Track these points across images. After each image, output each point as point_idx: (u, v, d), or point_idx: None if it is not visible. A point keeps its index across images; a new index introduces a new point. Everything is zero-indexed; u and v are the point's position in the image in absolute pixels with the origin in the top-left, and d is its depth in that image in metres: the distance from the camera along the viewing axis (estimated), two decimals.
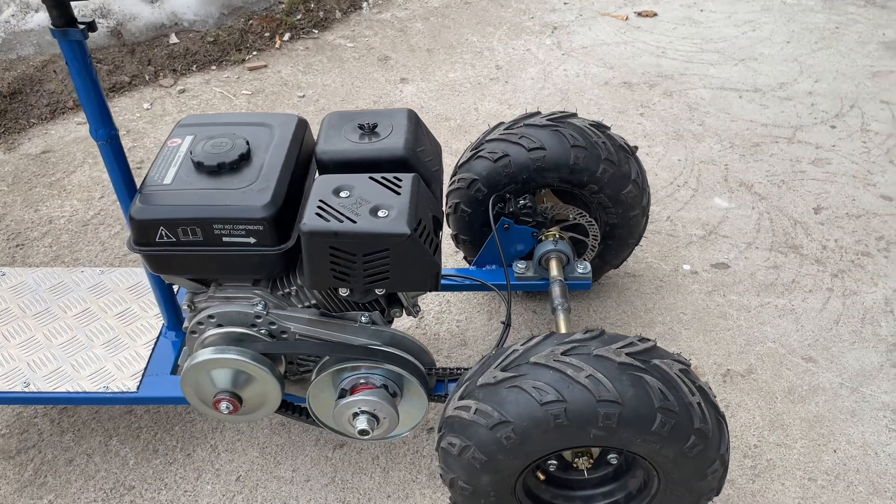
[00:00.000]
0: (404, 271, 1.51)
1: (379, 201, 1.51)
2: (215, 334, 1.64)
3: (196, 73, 3.70)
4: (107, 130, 1.62)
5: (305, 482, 1.98)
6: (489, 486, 1.55)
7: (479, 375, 1.53)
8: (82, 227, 2.82)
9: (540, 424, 1.43)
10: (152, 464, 2.03)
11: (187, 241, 1.55)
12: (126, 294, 2.10)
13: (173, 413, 2.16)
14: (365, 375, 1.67)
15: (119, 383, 1.86)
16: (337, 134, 1.71)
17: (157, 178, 1.59)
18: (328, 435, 2.08)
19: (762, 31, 3.89)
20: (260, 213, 1.52)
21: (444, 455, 1.58)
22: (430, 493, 1.95)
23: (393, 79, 3.62)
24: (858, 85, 3.45)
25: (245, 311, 1.64)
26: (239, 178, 1.58)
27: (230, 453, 2.05)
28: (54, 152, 3.21)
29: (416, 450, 2.04)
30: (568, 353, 1.46)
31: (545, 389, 1.42)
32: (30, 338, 1.98)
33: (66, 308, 2.06)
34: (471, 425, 1.49)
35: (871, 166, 2.96)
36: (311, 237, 1.45)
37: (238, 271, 1.61)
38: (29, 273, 2.17)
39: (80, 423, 2.14)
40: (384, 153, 1.65)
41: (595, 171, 2.07)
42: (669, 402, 1.42)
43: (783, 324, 2.33)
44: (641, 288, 2.46)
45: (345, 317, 1.69)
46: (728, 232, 2.67)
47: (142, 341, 1.97)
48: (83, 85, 1.54)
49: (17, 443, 2.10)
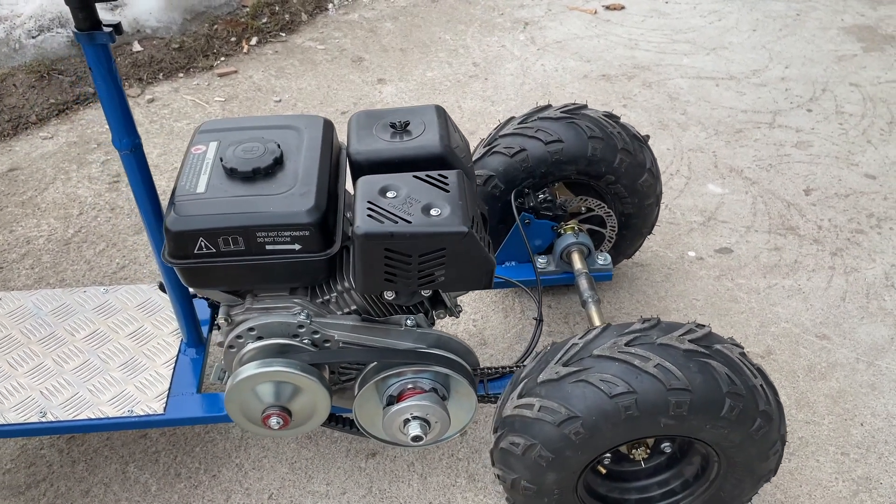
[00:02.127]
0: (460, 270, 1.47)
1: (429, 200, 1.46)
2: (256, 348, 1.57)
3: (163, 81, 3.57)
4: (130, 140, 1.53)
5: (342, 495, 1.92)
6: (554, 484, 1.52)
7: (538, 372, 1.51)
8: (63, 247, 2.68)
9: (610, 417, 1.41)
10: (176, 488, 1.94)
11: (228, 252, 1.47)
12: (136, 312, 2.00)
13: (191, 434, 2.06)
14: (412, 380, 1.63)
15: (144, 406, 1.77)
16: (368, 133, 1.66)
17: (189, 188, 1.51)
18: (359, 445, 2.02)
19: (727, 20, 3.97)
20: (305, 218, 1.46)
21: (503, 456, 1.55)
22: (472, 495, 1.91)
23: (370, 80, 3.56)
24: (826, 69, 3.55)
25: (287, 322, 1.57)
26: (276, 184, 1.52)
27: (258, 471, 1.98)
28: (22, 170, 3.05)
29: (450, 454, 2.00)
30: (631, 344, 1.44)
31: (613, 382, 1.40)
32: (38, 364, 1.86)
33: (74, 331, 1.95)
34: (535, 423, 1.46)
35: (851, 147, 3.04)
36: (366, 240, 1.40)
37: (281, 280, 1.54)
38: (27, 296, 2.04)
39: (92, 451, 2.03)
40: (421, 151, 1.61)
41: (612, 161, 2.07)
42: (736, 387, 1.42)
43: (793, 304, 2.37)
44: (651, 277, 2.47)
45: (389, 321, 1.64)
46: (726, 217, 2.70)
47: (161, 361, 1.88)
48: (107, 91, 1.46)
49: (26, 477, 1.97)
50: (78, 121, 3.31)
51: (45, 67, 3.41)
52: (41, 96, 3.36)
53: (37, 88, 3.37)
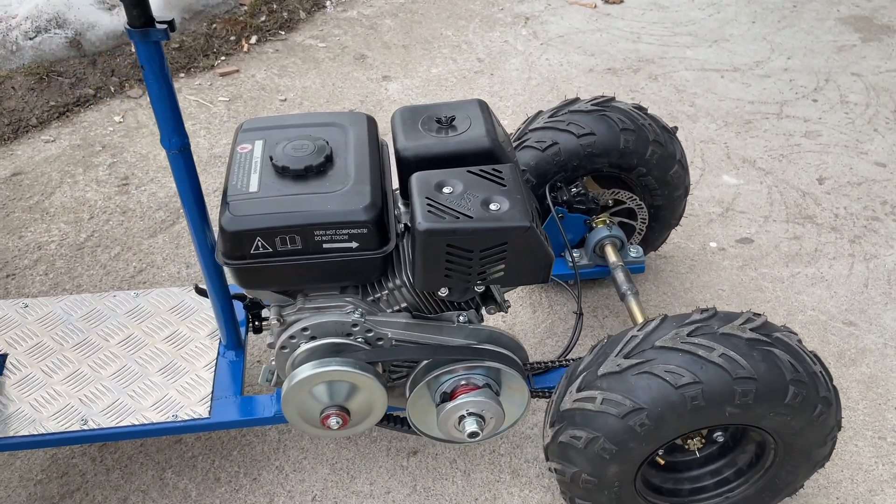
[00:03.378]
0: (520, 265, 1.46)
1: (486, 194, 1.45)
2: (310, 348, 1.55)
3: None
4: (179, 139, 1.51)
5: (386, 494, 1.91)
6: (615, 476, 1.52)
7: (597, 366, 1.50)
8: (77, 252, 2.63)
9: (675, 408, 1.41)
10: (217, 493, 1.91)
11: (285, 251, 1.45)
12: (170, 316, 1.96)
13: (227, 437, 2.04)
14: (465, 377, 1.61)
15: (188, 410, 1.74)
16: (414, 129, 1.64)
17: (241, 187, 1.49)
18: (399, 444, 2.01)
19: (726, 12, 4.00)
20: (363, 215, 1.44)
21: (563, 450, 1.54)
22: (518, 490, 1.90)
23: (374, 77, 3.54)
24: (828, 60, 3.59)
25: (341, 321, 1.55)
26: (329, 181, 1.50)
27: (299, 473, 1.95)
28: (26, 174, 2.98)
29: (491, 449, 2.00)
30: (694, 334, 1.44)
31: (679, 372, 1.40)
32: (74, 371, 1.82)
33: (107, 336, 1.91)
34: (598, 416, 1.46)
35: (859, 135, 3.08)
36: (429, 236, 1.39)
37: (337, 278, 1.52)
38: (54, 302, 2.00)
39: (126, 458, 1.99)
40: (470, 146, 1.60)
41: (644, 153, 2.07)
42: (799, 374, 1.43)
43: (817, 291, 2.39)
44: (675, 268, 2.48)
45: (441, 318, 1.62)
46: (744, 207, 2.72)
47: (200, 364, 1.85)
48: (159, 90, 1.43)
49: (59, 487, 1.93)
50: (80, 123, 3.25)
51: (44, 69, 3.34)
52: (41, 99, 3.29)
53: (36, 91, 3.30)
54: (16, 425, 1.70)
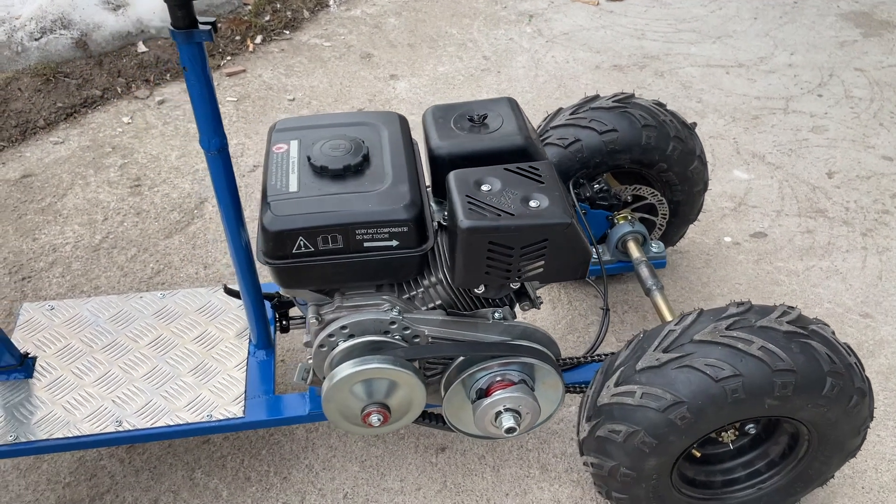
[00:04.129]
0: (559, 261, 1.47)
1: (525, 192, 1.47)
2: (349, 346, 1.56)
3: (171, 82, 3.50)
4: (219, 140, 1.51)
5: (417, 491, 1.92)
6: (653, 469, 1.54)
7: (635, 360, 1.52)
8: (93, 253, 2.62)
9: (716, 401, 1.43)
10: (248, 492, 1.92)
11: (327, 250, 1.46)
12: (198, 316, 1.96)
13: (254, 437, 2.04)
14: (500, 373, 1.63)
15: (222, 410, 1.74)
16: (447, 128, 1.66)
17: (281, 187, 1.49)
18: (427, 440, 2.02)
19: (728, 9, 4.03)
20: (404, 214, 1.45)
21: (601, 444, 1.56)
22: (547, 485, 1.92)
23: (382, 76, 3.54)
24: (831, 55, 3.62)
25: (380, 319, 1.56)
26: (368, 180, 1.51)
27: (329, 471, 1.96)
28: (36, 176, 2.97)
29: (519, 445, 2.01)
30: (732, 328, 1.46)
31: (719, 366, 1.42)
32: (105, 373, 1.82)
33: (136, 337, 1.91)
34: (638, 410, 1.48)
35: (865, 130, 3.11)
36: (472, 234, 1.40)
37: (377, 277, 1.53)
38: (81, 304, 2.00)
39: (155, 459, 2.00)
40: (504, 143, 1.61)
41: (665, 149, 2.09)
42: (836, 366, 1.45)
43: (833, 284, 2.42)
44: (692, 263, 2.51)
45: (476, 315, 1.64)
46: (756, 202, 2.75)
47: (232, 364, 1.85)
48: (200, 91, 1.43)
49: (88, 490, 1.93)
50: (88, 125, 3.24)
51: (51, 70, 3.32)
52: (48, 100, 3.27)
53: (43, 92, 3.29)
54: (50, 428, 1.70)
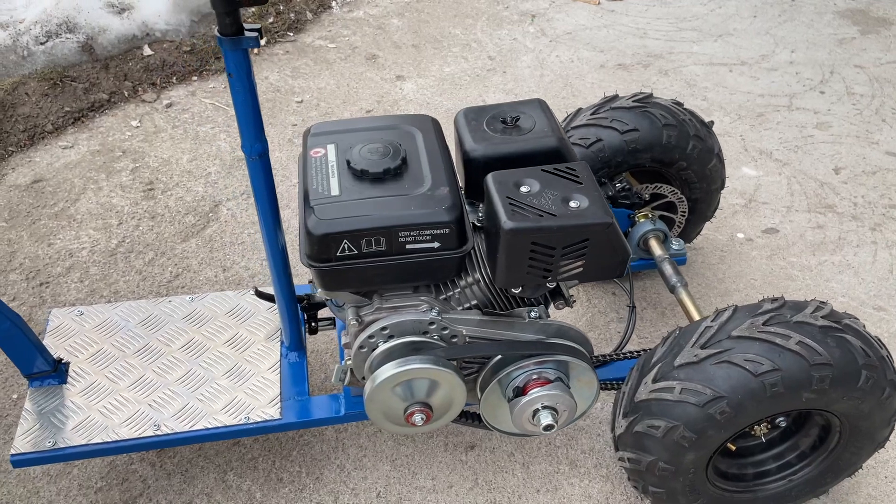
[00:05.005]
0: (599, 260, 1.50)
1: (565, 192, 1.49)
2: (390, 347, 1.58)
3: (177, 85, 3.50)
4: (260, 145, 1.52)
5: (449, 488, 1.94)
6: (691, 463, 1.57)
7: (672, 357, 1.55)
8: (110, 258, 2.62)
9: (755, 395, 1.46)
10: (281, 493, 1.93)
11: (370, 253, 1.48)
12: (228, 320, 1.98)
13: (284, 438, 2.05)
14: (536, 371, 1.65)
15: (260, 412, 1.76)
16: (480, 130, 1.68)
17: (322, 191, 1.51)
18: (456, 438, 2.04)
19: (727, 7, 4.07)
20: (446, 216, 1.47)
21: (639, 439, 1.59)
22: (577, 481, 1.95)
23: (388, 77, 3.56)
24: (830, 52, 3.68)
25: (419, 319, 1.58)
26: (407, 183, 1.53)
27: (360, 470, 1.98)
28: (47, 181, 2.96)
29: (548, 441, 2.04)
30: (769, 323, 1.49)
31: (758, 360, 1.45)
32: (140, 377, 1.83)
33: (168, 342, 1.92)
34: (678, 405, 1.51)
35: (868, 126, 3.17)
36: (515, 235, 1.42)
37: (417, 278, 1.56)
38: (110, 309, 2.00)
39: (186, 462, 2.01)
40: (538, 145, 1.64)
41: (685, 147, 2.12)
42: (870, 358, 1.49)
43: (845, 278, 2.47)
44: (706, 259, 2.54)
45: (512, 314, 1.66)
46: (766, 198, 2.79)
47: (265, 366, 1.86)
48: (244, 97, 1.44)
49: (121, 494, 1.94)
50: (96, 129, 3.23)
51: (58, 74, 3.31)
52: (55, 104, 3.26)
53: (50, 96, 3.27)
54: (88, 433, 1.71)
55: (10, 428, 2.09)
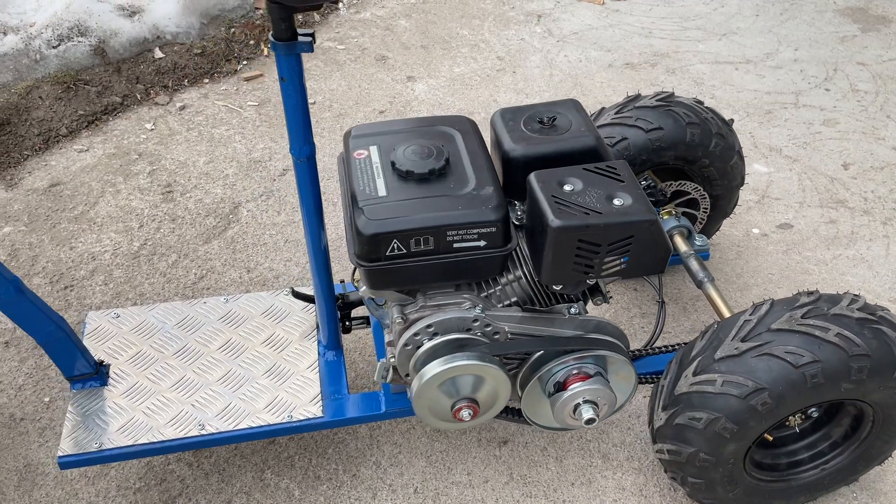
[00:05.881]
0: (642, 257, 1.53)
1: (608, 191, 1.53)
2: (435, 344, 1.61)
3: (189, 87, 3.51)
4: (308, 148, 1.55)
5: (484, 483, 1.97)
6: (731, 454, 1.61)
7: (713, 350, 1.59)
8: (133, 261, 2.63)
9: (796, 387, 1.50)
10: (320, 490, 1.96)
11: (418, 252, 1.51)
12: (263, 320, 2.00)
13: (319, 436, 2.08)
14: (577, 366, 1.68)
15: (302, 411, 1.78)
16: (518, 130, 1.71)
17: (370, 192, 1.54)
18: (489, 434, 2.08)
19: (730, 6, 4.12)
20: (493, 215, 1.50)
21: (679, 431, 1.62)
22: (611, 474, 1.99)
23: (399, 78, 3.58)
24: (833, 50, 3.74)
25: (463, 317, 1.61)
26: (452, 183, 1.56)
27: (396, 467, 2.01)
28: (65, 184, 2.97)
29: (579, 435, 2.07)
30: (807, 316, 1.53)
31: (799, 352, 1.49)
32: (181, 378, 1.85)
33: (206, 342, 1.94)
34: (719, 397, 1.54)
35: (874, 122, 3.23)
36: (562, 232, 1.45)
37: (463, 276, 1.59)
38: (146, 311, 2.02)
39: (223, 461, 2.03)
40: (576, 144, 1.67)
41: (708, 145, 2.16)
42: None
43: (860, 272, 2.52)
44: (724, 255, 2.59)
45: (552, 310, 1.70)
46: (778, 194, 2.84)
47: (304, 365, 1.89)
48: (296, 101, 1.47)
49: (160, 494, 1.96)
50: (110, 132, 3.24)
51: (71, 78, 3.31)
52: (69, 108, 3.27)
53: (63, 100, 3.28)
54: (134, 434, 1.73)
55: (44, 431, 2.11)
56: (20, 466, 2.03)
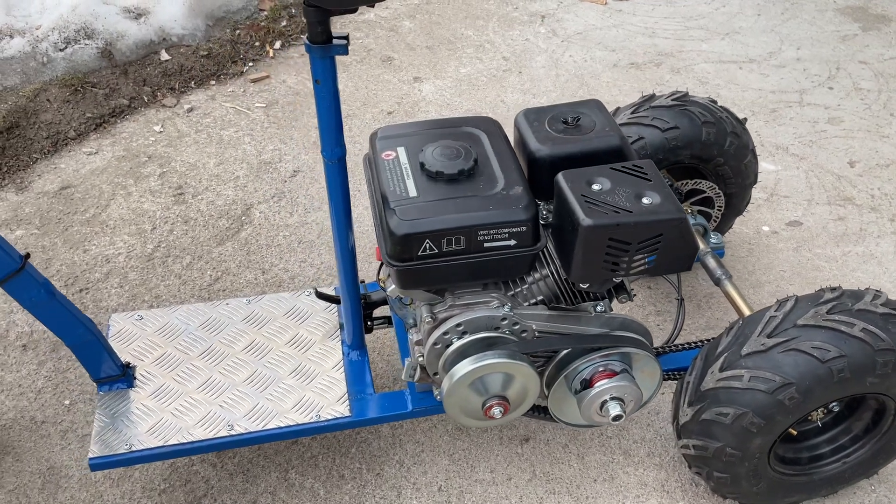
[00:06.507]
0: (670, 255, 1.55)
1: (636, 189, 1.55)
2: (465, 343, 1.62)
3: (196, 89, 3.51)
4: (340, 150, 1.57)
5: (508, 480, 1.99)
6: (758, 448, 1.63)
7: (739, 346, 1.61)
8: (147, 263, 2.64)
9: (823, 381, 1.53)
10: (345, 490, 1.97)
11: (449, 251, 1.53)
12: (286, 321, 2.01)
13: (341, 436, 2.09)
14: (603, 364, 1.70)
15: (330, 410, 1.80)
16: (543, 131, 1.73)
17: (400, 193, 1.55)
18: (510, 432, 2.09)
19: (732, 6, 4.16)
20: (523, 214, 1.52)
21: (706, 427, 1.65)
22: (633, 470, 2.01)
23: (406, 79, 3.60)
24: (835, 49, 3.77)
25: (492, 315, 1.63)
26: (481, 184, 1.57)
27: (420, 465, 2.02)
28: (75, 187, 2.97)
29: (600, 432, 2.09)
30: (832, 312, 1.56)
31: (825, 347, 1.52)
32: (208, 379, 1.86)
33: (230, 343, 1.95)
34: (746, 393, 1.57)
35: (878, 120, 3.26)
36: (593, 231, 1.47)
37: (492, 275, 1.60)
38: (169, 313, 2.03)
39: (247, 462, 2.04)
40: (602, 144, 1.69)
41: (723, 144, 2.19)
42: None
43: (870, 268, 2.55)
44: (736, 252, 2.61)
45: (578, 308, 1.71)
46: (786, 192, 2.87)
47: (329, 365, 1.90)
48: (329, 104, 1.49)
49: (185, 495, 1.97)
50: (118, 134, 3.24)
51: (79, 80, 3.31)
52: (77, 111, 3.26)
53: (71, 103, 3.28)
54: (163, 435, 1.74)
55: (66, 434, 2.11)
56: (43, 469, 2.03)
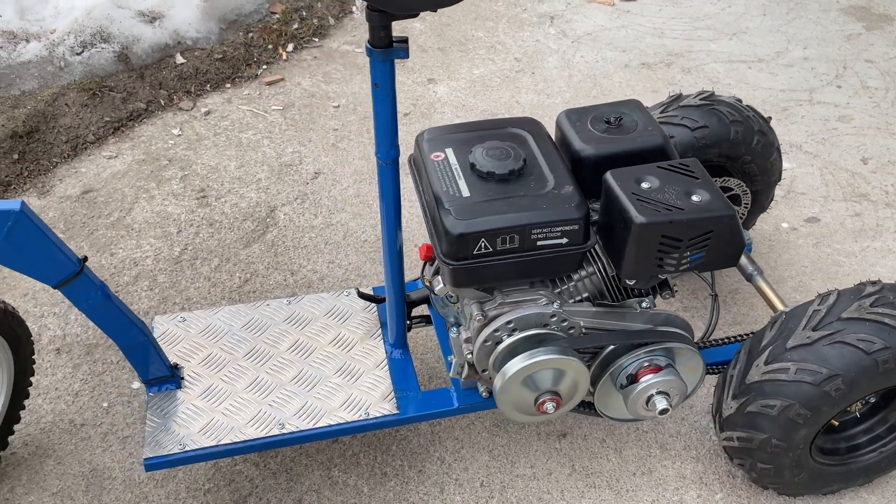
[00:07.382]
0: (719, 251, 1.59)
1: (685, 187, 1.59)
2: (516, 340, 1.65)
3: (212, 92, 3.52)
4: (395, 151, 1.59)
5: (548, 475, 2.02)
6: (802, 439, 1.68)
7: (783, 339, 1.65)
8: (175, 266, 2.65)
9: (868, 372, 1.57)
10: (388, 486, 2.00)
11: (504, 250, 1.56)
12: (328, 321, 2.03)
13: (381, 434, 2.12)
14: (647, 359, 1.74)
15: (378, 408, 1.82)
16: (586, 131, 1.76)
17: (454, 193, 1.58)
18: (548, 427, 2.13)
19: (737, 6, 4.21)
20: (576, 213, 1.56)
21: (751, 419, 1.69)
22: (670, 463, 2.04)
23: (420, 80, 3.62)
24: (840, 48, 3.83)
25: (542, 312, 1.66)
26: (532, 183, 1.61)
27: (461, 462, 2.05)
28: (98, 191, 2.97)
29: (636, 427, 2.13)
30: (876, 305, 1.60)
31: (870, 339, 1.56)
32: (255, 379, 1.88)
33: (274, 344, 1.97)
34: (792, 385, 1.61)
35: (887, 118, 3.32)
36: (647, 229, 1.51)
37: (544, 273, 1.64)
38: (211, 314, 2.05)
39: (289, 461, 2.06)
40: (645, 143, 1.73)
41: (751, 142, 2.23)
42: None
43: (889, 262, 2.61)
44: (757, 248, 2.66)
45: (624, 305, 1.75)
46: (803, 189, 2.93)
47: (373, 363, 1.93)
48: (387, 106, 1.51)
49: (230, 494, 1.99)
50: (137, 138, 3.25)
51: (96, 84, 3.31)
52: (95, 114, 3.27)
53: (89, 107, 3.28)
54: (216, 434, 1.76)
55: (107, 436, 2.12)
56: (86, 471, 2.04)
